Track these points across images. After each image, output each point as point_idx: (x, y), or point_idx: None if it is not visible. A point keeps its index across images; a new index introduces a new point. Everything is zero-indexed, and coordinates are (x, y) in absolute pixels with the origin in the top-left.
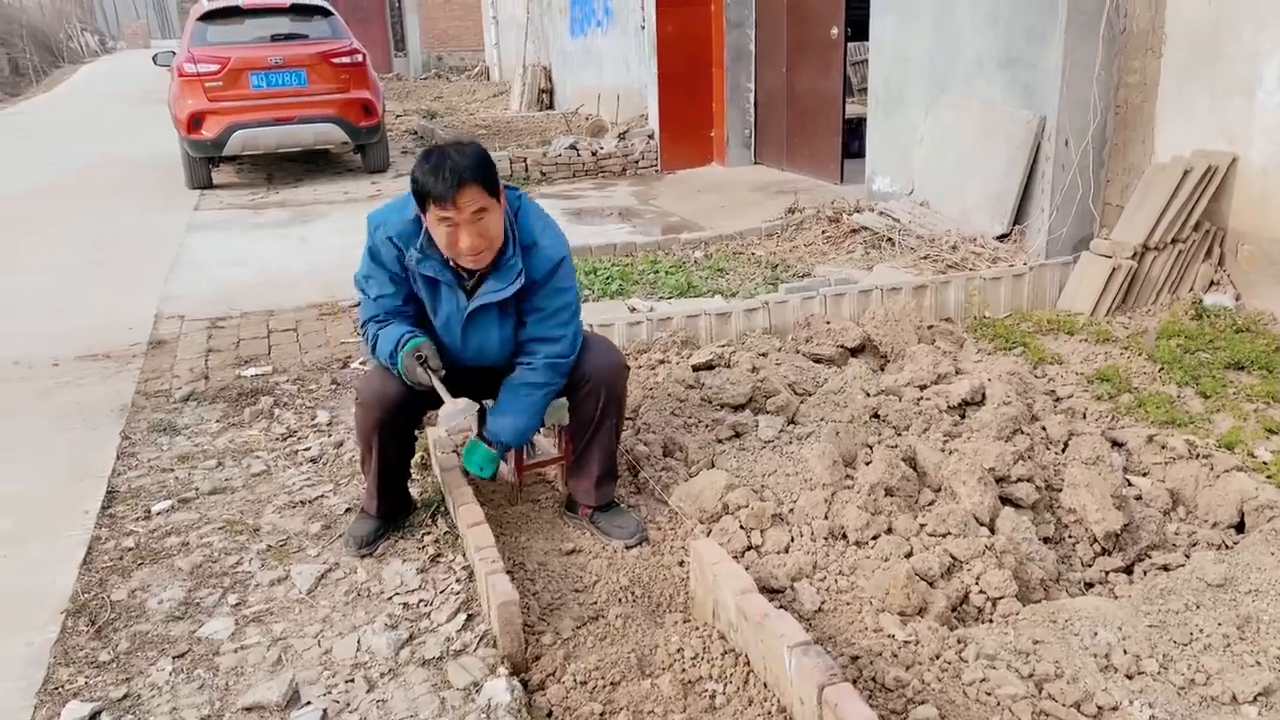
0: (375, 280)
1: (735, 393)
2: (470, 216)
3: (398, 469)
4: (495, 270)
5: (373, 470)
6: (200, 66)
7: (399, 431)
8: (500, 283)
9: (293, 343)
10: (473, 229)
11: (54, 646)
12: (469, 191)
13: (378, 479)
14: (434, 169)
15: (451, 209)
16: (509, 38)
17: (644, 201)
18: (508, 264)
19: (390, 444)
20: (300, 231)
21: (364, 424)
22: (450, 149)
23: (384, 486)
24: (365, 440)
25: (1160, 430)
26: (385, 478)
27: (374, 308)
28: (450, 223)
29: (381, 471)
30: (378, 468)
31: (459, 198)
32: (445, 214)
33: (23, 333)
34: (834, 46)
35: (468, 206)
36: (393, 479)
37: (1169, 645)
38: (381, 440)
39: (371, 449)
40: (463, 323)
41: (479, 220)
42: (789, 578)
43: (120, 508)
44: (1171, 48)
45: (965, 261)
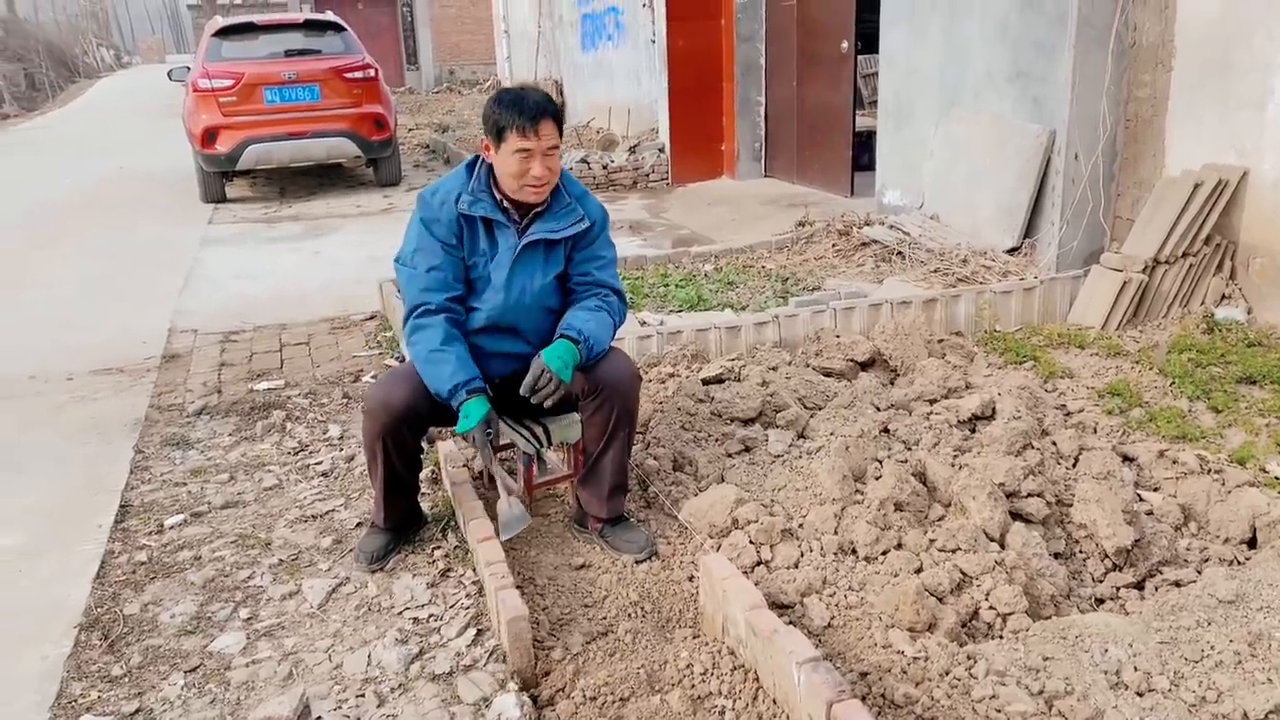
0: (425, 253)
1: (745, 407)
2: (545, 148)
3: (405, 480)
4: (550, 212)
5: (379, 480)
6: (215, 82)
7: (404, 442)
8: (557, 223)
9: (305, 356)
10: (545, 160)
11: (67, 660)
12: (547, 124)
13: (384, 489)
14: (515, 101)
15: (532, 138)
16: (521, 51)
17: (654, 214)
18: (565, 208)
19: (396, 453)
20: (313, 245)
21: (369, 433)
22: (526, 89)
23: (390, 497)
24: (370, 449)
25: (1171, 445)
26: (391, 488)
27: (425, 281)
28: (527, 153)
29: (388, 481)
30: (384, 476)
31: (540, 127)
32: (525, 144)
33: (38, 347)
34: (844, 60)
35: (546, 137)
36: (399, 490)
37: (1180, 662)
38: (386, 449)
39: (377, 458)
40: (513, 261)
41: (551, 155)
42: (798, 593)
43: (133, 521)
44: (1181, 61)
45: (975, 275)
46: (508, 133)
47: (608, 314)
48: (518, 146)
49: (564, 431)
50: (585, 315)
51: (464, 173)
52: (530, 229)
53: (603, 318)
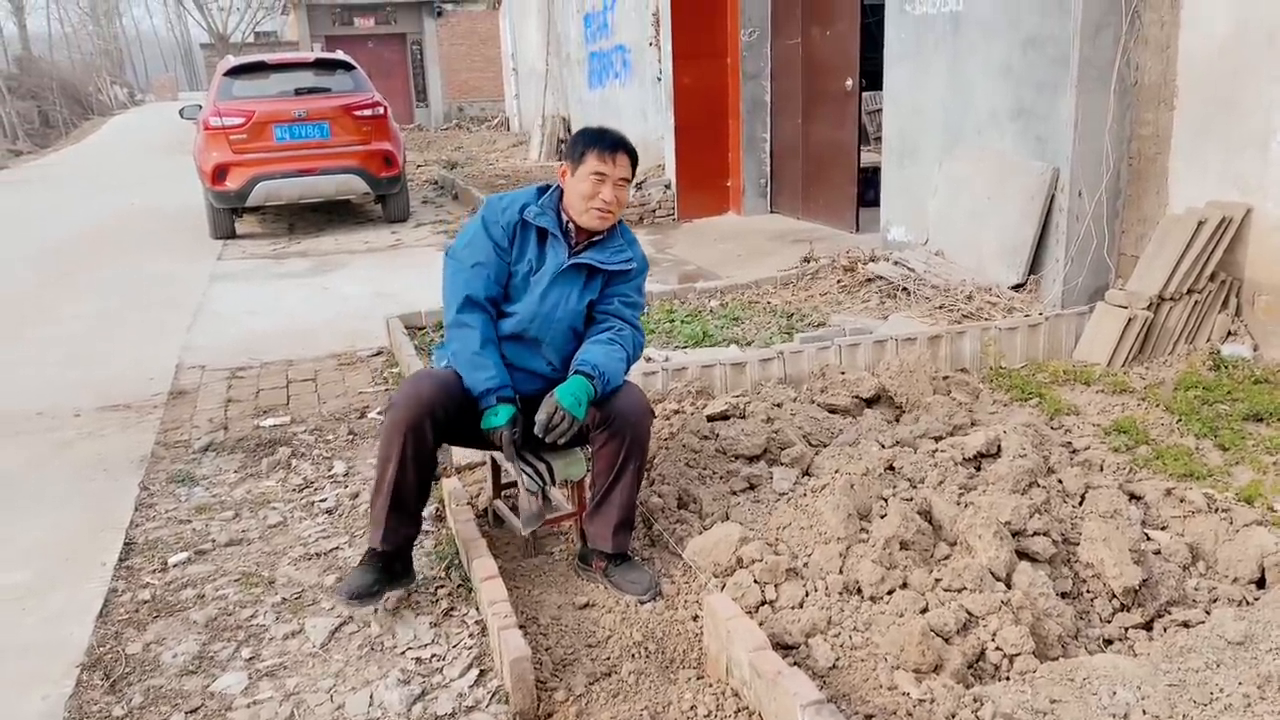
0: (475, 248)
1: (750, 444)
2: (618, 178)
3: (410, 499)
4: (603, 244)
5: (386, 485)
6: (226, 119)
7: (423, 438)
8: (607, 255)
9: (311, 393)
10: (614, 190)
11: (69, 701)
12: (625, 156)
13: (389, 497)
14: (601, 131)
15: (610, 164)
16: (529, 89)
17: (661, 250)
18: (618, 246)
19: (412, 454)
20: (321, 281)
21: (390, 426)
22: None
23: (392, 512)
24: (385, 448)
25: (1179, 483)
26: (396, 501)
27: (469, 275)
28: (602, 177)
29: (395, 487)
30: (392, 480)
31: (618, 157)
32: (601, 168)
33: (47, 382)
34: (849, 97)
35: (621, 167)
36: (401, 507)
37: (1189, 705)
38: (403, 447)
39: (389, 460)
40: (555, 276)
41: (621, 187)
42: (803, 633)
43: (138, 559)
44: (1184, 100)
45: (980, 311)
46: (588, 155)
47: (621, 347)
48: (595, 169)
49: (568, 469)
50: (599, 349)
51: (535, 192)
52: (582, 253)
53: (616, 352)
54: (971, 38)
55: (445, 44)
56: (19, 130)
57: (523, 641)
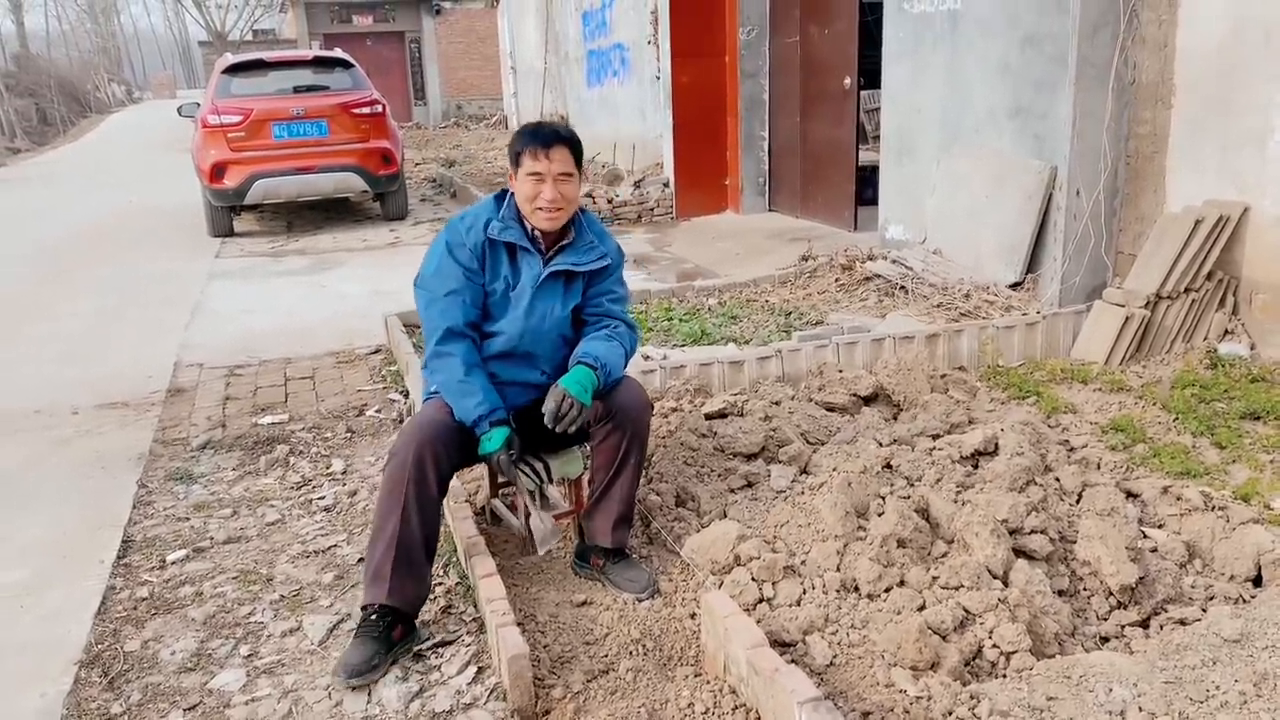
0: (443, 277)
1: (748, 442)
2: (557, 174)
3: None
4: (573, 246)
5: (388, 536)
6: (224, 117)
7: (428, 489)
8: (580, 256)
9: (309, 390)
10: (555, 185)
11: (67, 698)
12: (561, 149)
13: (395, 548)
14: (534, 128)
15: (544, 160)
16: (527, 87)
17: (659, 248)
18: (588, 244)
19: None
20: (319, 279)
21: (390, 480)
22: (546, 121)
23: (398, 565)
24: (386, 499)
25: (1175, 481)
26: (403, 551)
27: (443, 305)
28: (538, 176)
29: (400, 539)
30: (395, 532)
31: (552, 151)
32: (536, 167)
33: (44, 380)
34: (847, 95)
35: (558, 162)
36: (410, 560)
37: (1185, 702)
38: (405, 497)
39: (392, 511)
40: (535, 289)
41: (563, 182)
42: (800, 631)
43: (136, 557)
44: (1181, 98)
45: (978, 310)
46: (524, 155)
47: (619, 344)
48: (530, 169)
49: (565, 467)
50: (599, 343)
51: (493, 203)
52: (555, 259)
53: (615, 346)
54: (970, 36)
55: (443, 42)
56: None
57: (521, 639)
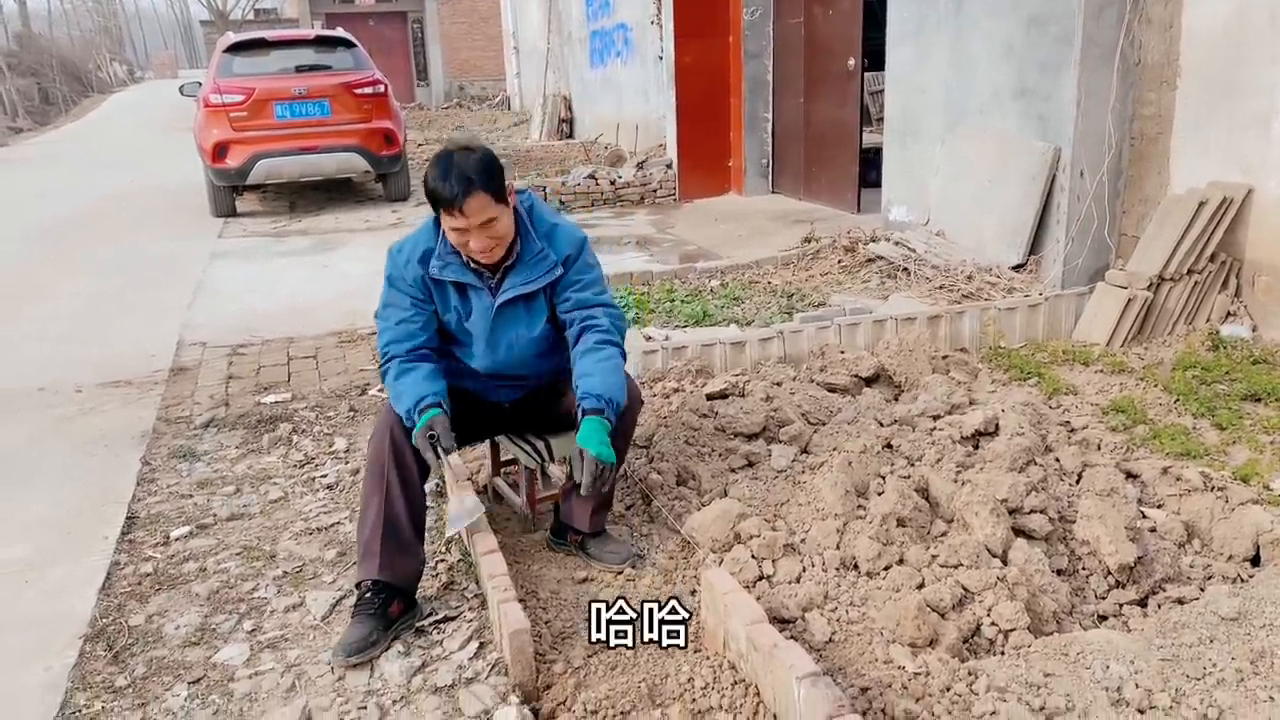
0: (394, 308)
1: (749, 422)
2: (478, 224)
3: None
4: (520, 265)
5: (374, 515)
6: (226, 97)
7: (407, 469)
8: (530, 274)
9: (312, 370)
10: (481, 233)
11: (72, 671)
12: (476, 200)
13: (382, 525)
14: (442, 176)
15: (459, 216)
16: (530, 67)
17: (661, 230)
18: (537, 256)
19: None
20: (322, 259)
21: (371, 463)
22: (457, 155)
23: (386, 540)
24: (369, 481)
25: (1175, 462)
26: (390, 528)
27: (394, 333)
28: (460, 229)
29: (386, 518)
30: (380, 510)
31: (466, 206)
32: (455, 222)
33: (48, 359)
34: (851, 77)
35: (476, 214)
36: (398, 536)
37: (1182, 679)
38: (385, 477)
39: (375, 492)
40: (491, 321)
41: (488, 226)
42: (800, 608)
43: (140, 533)
44: (1186, 80)
45: (980, 292)
46: (439, 211)
47: (609, 344)
48: (450, 225)
49: (566, 446)
50: (593, 366)
51: (432, 229)
52: (504, 285)
53: (608, 358)
54: (974, 16)
55: (446, 22)
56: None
57: (522, 614)
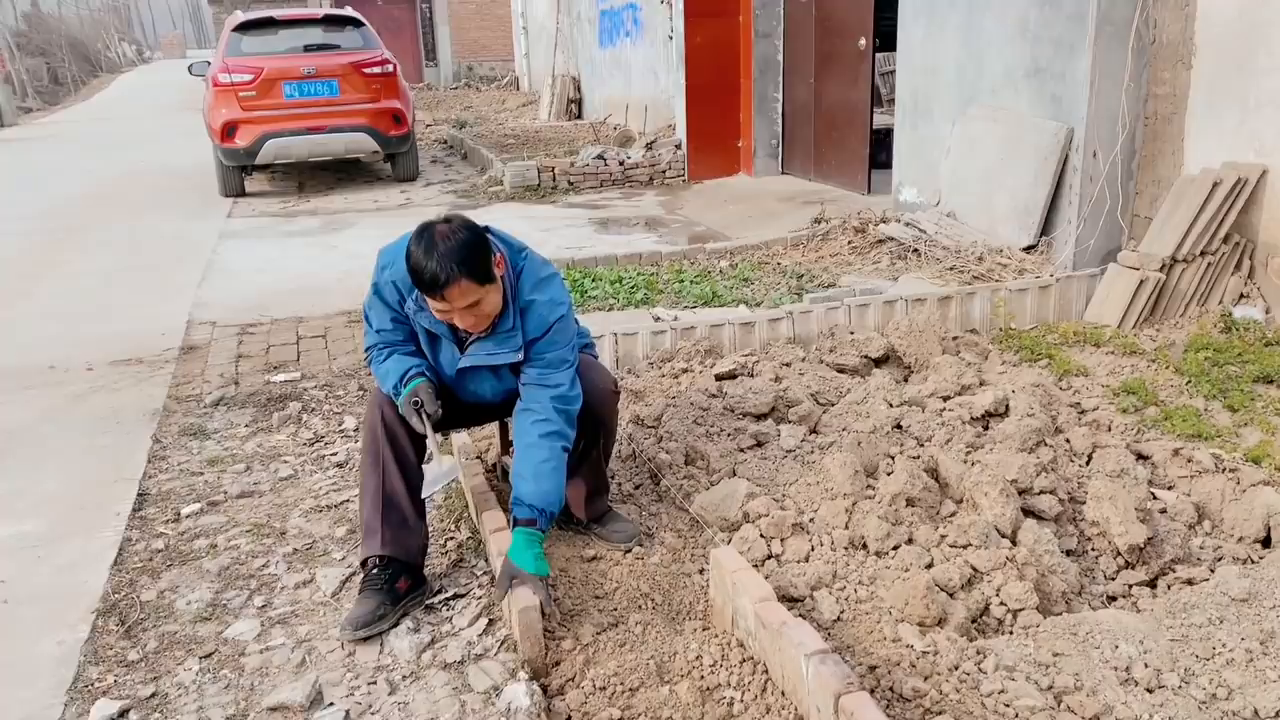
0: (376, 314)
1: (758, 402)
2: (462, 307)
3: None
4: (493, 334)
5: (372, 492)
6: (234, 76)
7: (401, 448)
8: (497, 348)
9: (321, 349)
10: (466, 313)
11: (84, 645)
12: (458, 287)
13: (380, 501)
14: (422, 261)
15: (443, 301)
16: (539, 48)
17: (670, 211)
18: (506, 334)
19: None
20: (330, 239)
21: (367, 443)
22: (439, 236)
23: (386, 514)
24: (366, 457)
25: (1186, 443)
26: (388, 503)
27: (374, 338)
28: (444, 311)
29: (383, 493)
30: (378, 487)
31: (448, 293)
32: (439, 305)
33: (58, 338)
34: (862, 57)
35: (458, 300)
36: (396, 510)
37: (1191, 659)
38: (379, 455)
39: (372, 470)
40: (454, 374)
41: (473, 307)
42: (808, 587)
43: (151, 510)
44: (1202, 59)
45: (991, 273)
46: (423, 298)
47: (554, 440)
48: (434, 307)
49: None
50: (529, 469)
51: None
52: (470, 348)
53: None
54: None
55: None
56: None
57: (531, 591)
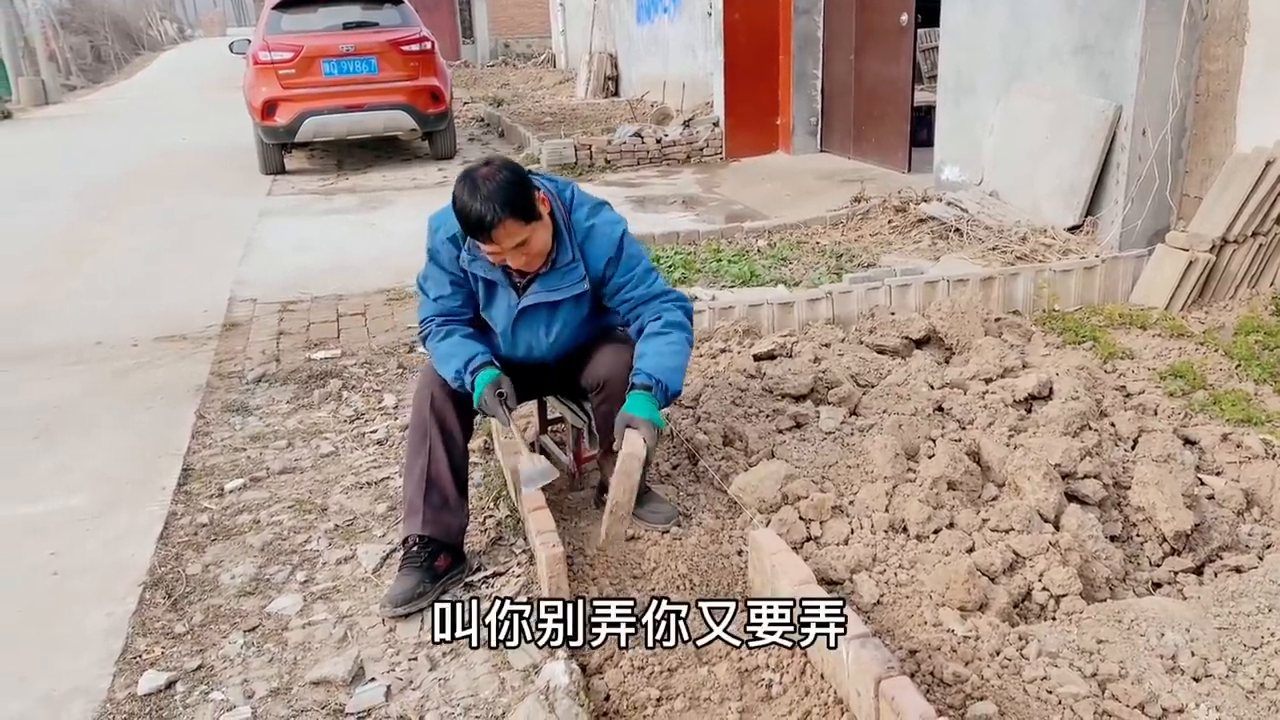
0: (434, 281)
1: (797, 383)
2: (512, 246)
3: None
4: (550, 271)
5: (418, 472)
6: (274, 54)
7: (449, 427)
8: (559, 282)
9: (361, 327)
10: (516, 253)
11: (132, 617)
12: (503, 227)
13: (424, 481)
14: (467, 204)
15: (491, 244)
16: (576, 25)
17: (708, 189)
18: (567, 267)
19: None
20: (369, 217)
21: (414, 421)
22: (481, 179)
23: (429, 494)
24: (413, 436)
25: (1235, 428)
26: (431, 483)
27: (432, 308)
28: (494, 252)
29: (427, 474)
30: (424, 468)
31: (495, 234)
32: (488, 248)
33: (105, 314)
34: (903, 33)
35: (506, 240)
36: (440, 490)
37: (1238, 648)
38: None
39: (419, 451)
40: (512, 321)
41: (522, 247)
42: (848, 570)
43: (195, 485)
44: (1255, 35)
45: (1035, 253)
46: (474, 243)
47: (678, 331)
48: (486, 250)
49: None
50: (651, 348)
51: None
52: (529, 289)
53: (671, 342)
54: None
55: None
56: (72, 65)
57: (568, 571)
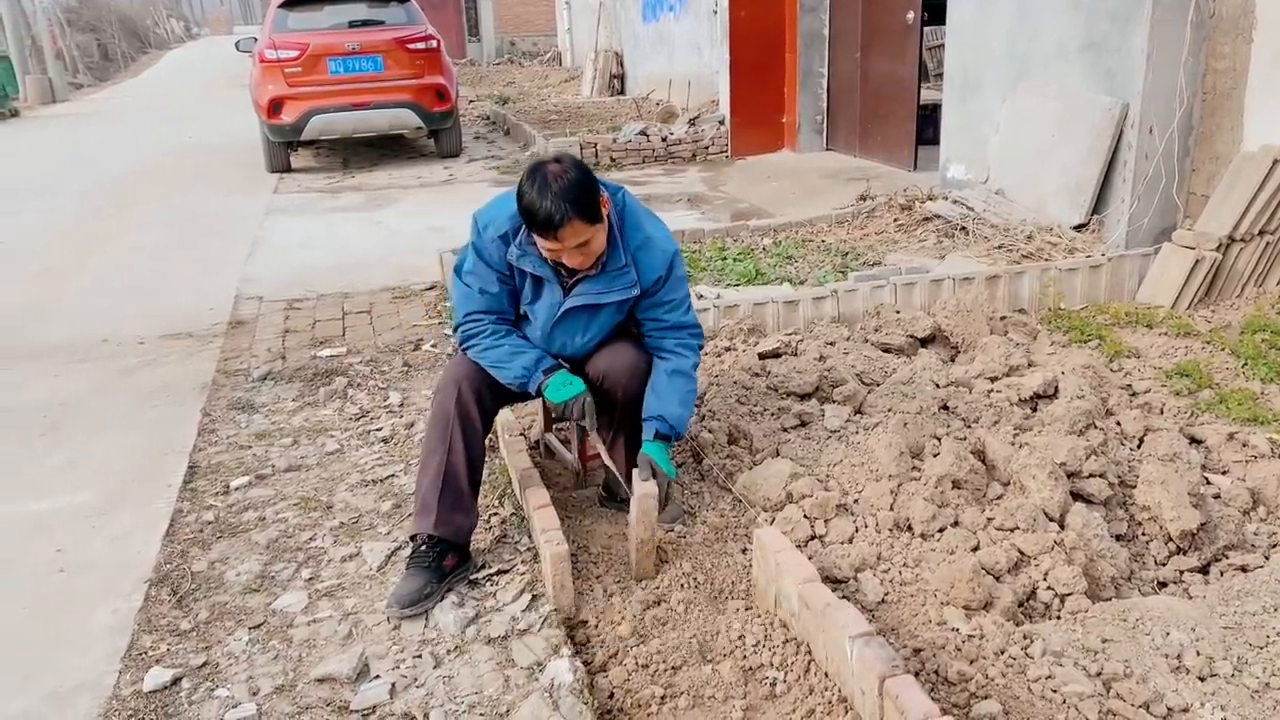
0: (479, 276)
1: (802, 381)
2: (573, 246)
3: (465, 478)
4: (600, 274)
5: (435, 468)
6: (280, 53)
7: (472, 423)
8: (608, 285)
9: (366, 325)
10: (575, 253)
11: (138, 614)
12: (570, 226)
13: (441, 478)
14: (536, 201)
15: (555, 241)
16: (581, 23)
17: (713, 188)
18: (619, 270)
19: (461, 436)
20: (375, 215)
21: (435, 415)
22: (550, 174)
23: (444, 493)
24: (432, 430)
25: (1242, 427)
26: (448, 482)
27: (478, 302)
28: (553, 249)
29: (445, 470)
30: (441, 463)
31: (561, 233)
32: (550, 245)
33: (111, 312)
34: (910, 31)
35: (570, 239)
36: (455, 489)
37: (1244, 647)
38: (449, 431)
39: (437, 446)
40: (555, 319)
41: (582, 247)
42: (852, 568)
43: (201, 482)
44: (1263, 32)
45: (1040, 251)
46: (536, 237)
47: (687, 378)
48: (545, 246)
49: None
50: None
51: (514, 210)
52: (576, 289)
53: (683, 387)
54: None
55: None
56: (79, 63)
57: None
